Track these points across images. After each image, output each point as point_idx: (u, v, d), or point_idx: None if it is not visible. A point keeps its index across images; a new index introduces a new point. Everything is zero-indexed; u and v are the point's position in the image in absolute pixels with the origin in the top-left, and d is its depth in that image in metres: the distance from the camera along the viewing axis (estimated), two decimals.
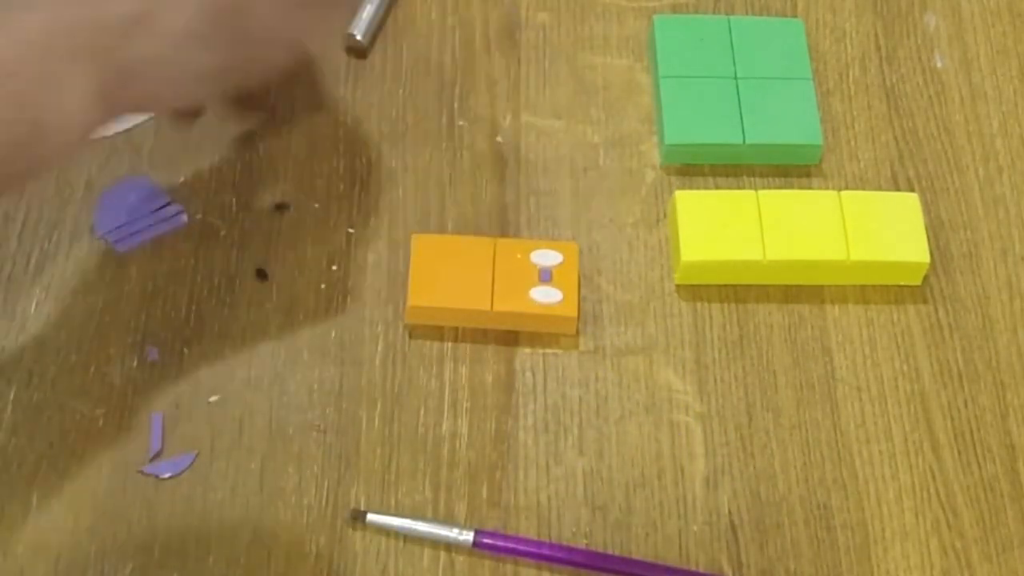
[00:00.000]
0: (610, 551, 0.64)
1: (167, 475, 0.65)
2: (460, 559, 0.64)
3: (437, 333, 0.70)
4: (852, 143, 0.76)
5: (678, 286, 0.72)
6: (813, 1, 0.81)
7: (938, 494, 0.67)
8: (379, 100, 0.77)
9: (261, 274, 0.71)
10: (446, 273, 0.69)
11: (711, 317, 0.71)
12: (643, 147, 0.76)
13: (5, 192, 0.67)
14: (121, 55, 0.58)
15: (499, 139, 0.76)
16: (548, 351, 0.70)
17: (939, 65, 0.79)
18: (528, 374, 0.69)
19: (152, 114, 0.72)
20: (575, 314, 0.69)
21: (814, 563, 0.65)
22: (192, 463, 0.66)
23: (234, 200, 0.73)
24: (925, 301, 0.72)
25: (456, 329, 0.70)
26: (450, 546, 0.64)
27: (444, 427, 0.67)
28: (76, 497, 0.65)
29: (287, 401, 0.68)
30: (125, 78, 0.58)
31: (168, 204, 0.72)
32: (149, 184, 0.73)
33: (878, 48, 0.80)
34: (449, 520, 0.65)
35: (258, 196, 0.73)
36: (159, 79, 0.60)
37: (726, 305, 0.71)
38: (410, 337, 0.70)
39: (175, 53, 0.60)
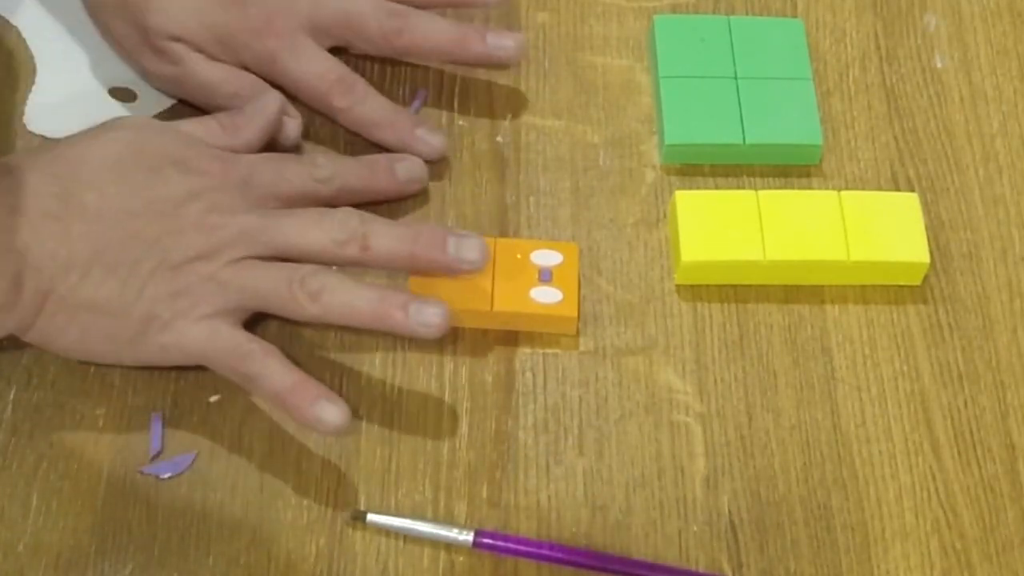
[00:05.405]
0: (610, 551, 0.64)
1: (167, 475, 0.65)
2: (460, 559, 0.64)
3: None
4: (852, 143, 0.76)
5: (678, 286, 0.72)
6: (813, 1, 0.81)
7: (938, 494, 0.66)
8: None
9: None
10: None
11: (711, 317, 0.71)
12: (643, 147, 0.76)
13: None
14: None
15: (499, 139, 0.76)
16: (548, 351, 0.70)
17: (939, 65, 0.79)
18: (528, 374, 0.69)
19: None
20: (575, 314, 0.69)
21: (814, 563, 0.65)
22: (192, 463, 0.66)
23: None
24: (925, 301, 0.72)
25: (456, 329, 0.70)
26: (450, 546, 0.64)
27: (444, 427, 0.67)
28: (76, 497, 0.65)
29: None
30: None
31: None
32: None
33: (878, 48, 0.80)
34: (449, 520, 0.65)
35: None
36: None
37: (726, 305, 0.71)
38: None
39: None
